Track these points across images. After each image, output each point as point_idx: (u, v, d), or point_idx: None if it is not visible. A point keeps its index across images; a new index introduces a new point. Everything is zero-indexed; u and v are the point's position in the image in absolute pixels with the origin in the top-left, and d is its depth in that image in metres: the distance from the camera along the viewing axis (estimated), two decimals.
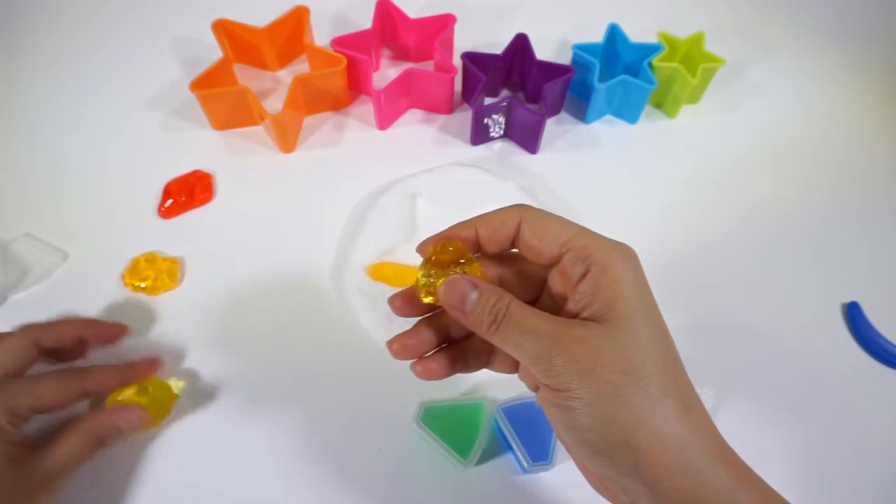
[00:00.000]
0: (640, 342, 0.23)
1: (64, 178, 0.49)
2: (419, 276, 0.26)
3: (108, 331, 0.38)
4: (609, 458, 0.22)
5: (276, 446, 0.37)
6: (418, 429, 0.36)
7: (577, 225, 0.25)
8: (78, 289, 0.43)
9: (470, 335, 0.28)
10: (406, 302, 0.28)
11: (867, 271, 0.47)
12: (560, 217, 0.25)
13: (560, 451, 0.36)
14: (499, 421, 0.37)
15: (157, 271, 0.43)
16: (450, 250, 0.26)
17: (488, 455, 0.37)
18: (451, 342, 0.29)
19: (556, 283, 0.26)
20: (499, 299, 0.24)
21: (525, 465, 0.35)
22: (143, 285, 0.42)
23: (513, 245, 0.26)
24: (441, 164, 0.50)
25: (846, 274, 0.47)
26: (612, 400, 0.22)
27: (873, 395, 0.42)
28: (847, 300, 0.45)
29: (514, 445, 0.36)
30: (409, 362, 0.40)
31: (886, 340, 0.43)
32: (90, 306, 0.42)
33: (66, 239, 0.45)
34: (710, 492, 0.22)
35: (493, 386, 0.40)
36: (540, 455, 0.35)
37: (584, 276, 0.24)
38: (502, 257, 0.28)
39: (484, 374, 0.40)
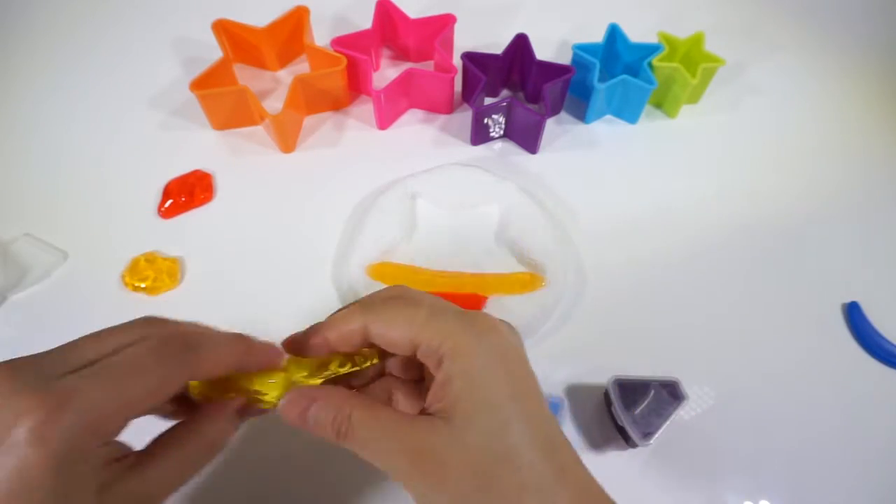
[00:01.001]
0: (483, 440, 0.22)
1: (64, 178, 0.49)
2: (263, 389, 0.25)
3: (262, 356, 0.27)
4: None
5: (275, 446, 0.37)
6: None
7: (425, 310, 0.24)
8: (78, 289, 0.43)
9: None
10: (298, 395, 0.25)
11: (867, 271, 0.47)
12: (406, 306, 0.24)
13: None
14: None
15: (157, 271, 0.43)
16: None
17: None
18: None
19: (426, 373, 0.25)
20: (339, 411, 0.23)
21: None
22: (143, 285, 0.42)
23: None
24: (441, 164, 0.50)
25: (846, 274, 0.47)
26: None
27: (873, 395, 0.42)
28: (847, 300, 0.45)
29: None
30: None
31: (886, 340, 0.43)
32: (90, 307, 0.42)
33: (66, 239, 0.45)
34: None
35: None
36: None
37: (437, 367, 0.23)
38: None
39: None
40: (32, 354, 0.21)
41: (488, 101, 0.55)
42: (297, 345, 0.26)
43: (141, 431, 0.23)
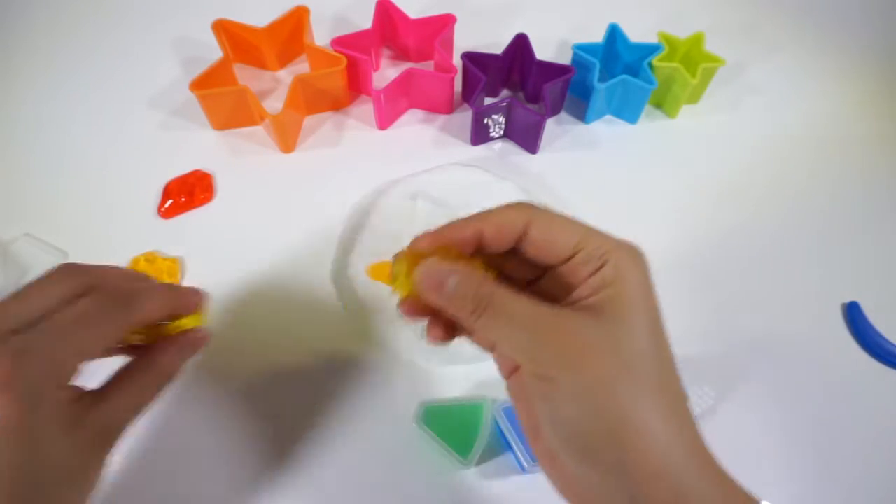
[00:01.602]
0: (635, 339, 0.22)
1: (64, 178, 0.49)
2: (394, 267, 0.25)
3: (189, 300, 0.30)
4: (593, 454, 0.22)
5: (275, 446, 0.37)
6: (418, 429, 0.36)
7: (585, 225, 0.24)
8: None
9: None
10: (412, 306, 0.26)
11: (867, 271, 0.47)
12: (567, 216, 0.25)
13: None
14: (499, 421, 0.37)
15: (157, 271, 0.43)
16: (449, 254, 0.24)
17: (488, 455, 0.37)
18: None
19: (562, 275, 0.25)
20: (480, 286, 0.23)
21: (525, 465, 0.35)
22: None
23: (516, 245, 0.25)
24: (441, 164, 0.50)
25: (846, 274, 0.47)
26: (601, 391, 0.21)
27: (873, 395, 0.42)
28: (847, 300, 0.45)
29: (514, 445, 0.36)
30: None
31: (886, 340, 0.43)
32: None
33: (65, 239, 0.45)
34: (690, 500, 0.21)
35: (493, 386, 0.40)
36: None
37: (594, 273, 0.23)
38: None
39: (484, 374, 0.40)
40: None
41: (488, 101, 0.55)
42: (442, 232, 0.25)
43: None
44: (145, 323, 0.28)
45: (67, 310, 0.25)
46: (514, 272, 0.27)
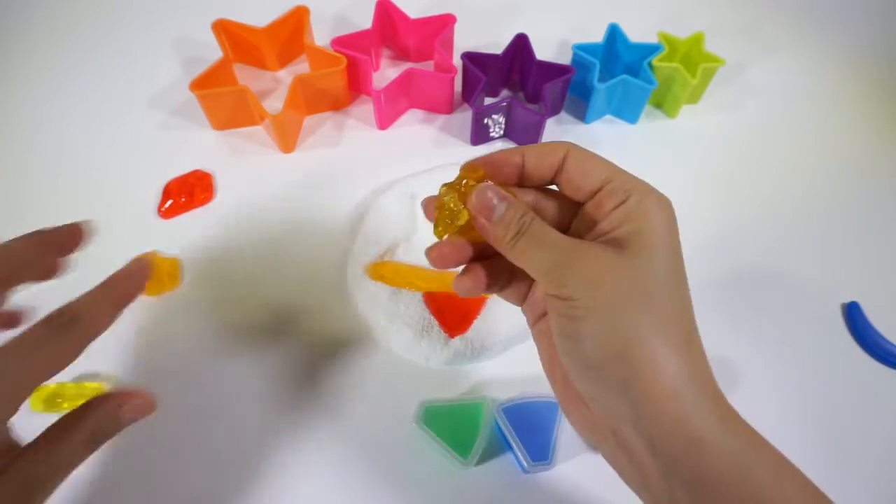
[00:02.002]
0: (655, 271, 0.23)
1: (64, 178, 0.49)
2: (444, 196, 0.27)
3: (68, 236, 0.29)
4: (599, 371, 0.23)
5: (275, 446, 0.37)
6: (418, 429, 0.36)
7: (617, 166, 0.26)
8: (77, 289, 0.43)
9: (494, 256, 0.28)
10: (448, 249, 0.27)
11: (867, 271, 0.47)
12: (602, 157, 0.26)
13: (560, 451, 0.36)
14: (499, 421, 0.37)
15: (157, 271, 0.43)
16: (476, 175, 0.26)
17: (488, 455, 0.37)
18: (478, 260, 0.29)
19: (588, 213, 0.27)
20: (524, 213, 0.25)
21: (525, 465, 0.35)
22: None
23: (553, 178, 0.27)
24: (441, 164, 0.50)
25: (846, 274, 0.47)
26: (617, 311, 0.22)
27: (873, 395, 0.42)
28: (847, 300, 0.45)
29: (514, 445, 0.36)
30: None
31: (886, 340, 0.43)
32: None
33: None
34: (695, 423, 0.22)
35: (493, 386, 0.40)
36: (540, 455, 0.35)
37: (618, 205, 0.24)
38: (537, 190, 0.28)
39: (484, 374, 0.40)
40: None
41: (488, 101, 0.55)
42: (492, 157, 0.27)
43: None
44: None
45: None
46: (548, 216, 0.28)
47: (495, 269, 0.28)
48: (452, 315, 0.41)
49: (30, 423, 0.24)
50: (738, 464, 0.22)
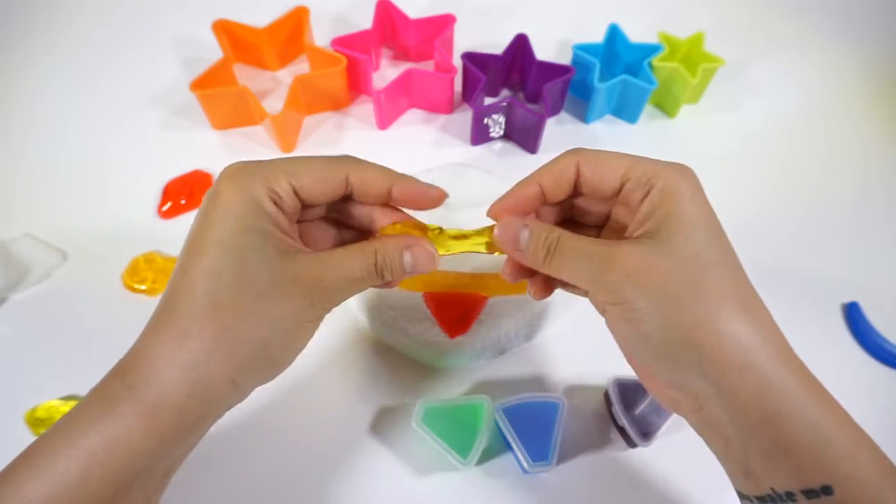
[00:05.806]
0: (693, 251, 0.23)
1: (64, 178, 0.49)
2: (475, 237, 0.28)
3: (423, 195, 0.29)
4: (673, 359, 0.23)
5: (274, 446, 0.37)
6: (418, 429, 0.36)
7: (631, 155, 0.26)
8: (77, 289, 0.43)
9: None
10: (514, 268, 0.29)
11: (867, 271, 0.47)
12: (614, 151, 0.27)
13: (560, 451, 0.36)
14: (499, 421, 0.37)
15: (156, 272, 0.43)
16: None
17: (488, 455, 0.37)
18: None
19: (619, 214, 0.27)
20: (549, 232, 0.25)
21: (525, 465, 0.35)
22: (143, 287, 0.42)
23: (576, 189, 0.27)
24: (441, 164, 0.50)
25: (846, 274, 0.47)
26: (669, 304, 0.23)
27: (873, 395, 0.42)
28: (847, 300, 0.45)
29: (514, 445, 0.36)
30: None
31: (886, 340, 0.43)
32: (89, 307, 0.42)
33: (66, 239, 0.45)
34: (775, 393, 0.22)
35: (493, 386, 0.40)
36: (540, 455, 0.35)
37: (643, 198, 0.25)
38: (563, 202, 0.29)
39: (484, 375, 0.40)
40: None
41: (488, 101, 0.55)
42: (509, 195, 0.28)
43: None
44: (362, 185, 0.27)
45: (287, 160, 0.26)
46: (589, 218, 0.29)
47: None
48: (452, 315, 0.41)
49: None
50: (816, 437, 0.22)
